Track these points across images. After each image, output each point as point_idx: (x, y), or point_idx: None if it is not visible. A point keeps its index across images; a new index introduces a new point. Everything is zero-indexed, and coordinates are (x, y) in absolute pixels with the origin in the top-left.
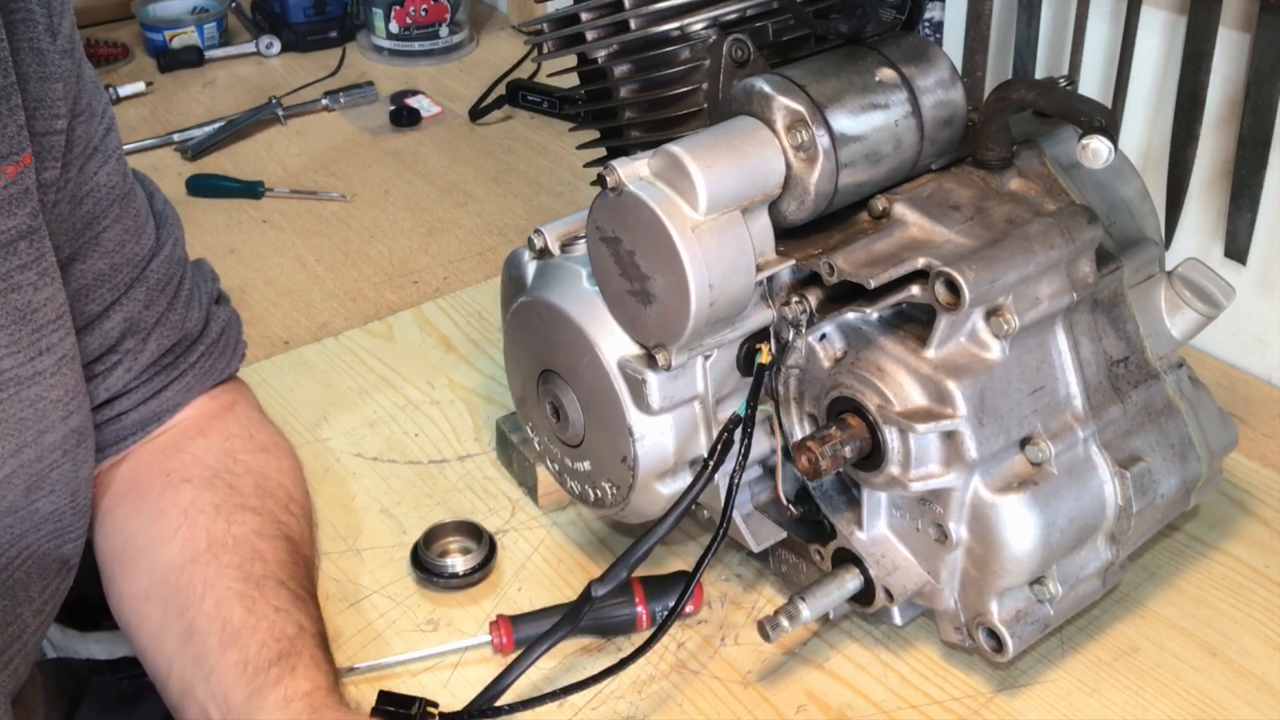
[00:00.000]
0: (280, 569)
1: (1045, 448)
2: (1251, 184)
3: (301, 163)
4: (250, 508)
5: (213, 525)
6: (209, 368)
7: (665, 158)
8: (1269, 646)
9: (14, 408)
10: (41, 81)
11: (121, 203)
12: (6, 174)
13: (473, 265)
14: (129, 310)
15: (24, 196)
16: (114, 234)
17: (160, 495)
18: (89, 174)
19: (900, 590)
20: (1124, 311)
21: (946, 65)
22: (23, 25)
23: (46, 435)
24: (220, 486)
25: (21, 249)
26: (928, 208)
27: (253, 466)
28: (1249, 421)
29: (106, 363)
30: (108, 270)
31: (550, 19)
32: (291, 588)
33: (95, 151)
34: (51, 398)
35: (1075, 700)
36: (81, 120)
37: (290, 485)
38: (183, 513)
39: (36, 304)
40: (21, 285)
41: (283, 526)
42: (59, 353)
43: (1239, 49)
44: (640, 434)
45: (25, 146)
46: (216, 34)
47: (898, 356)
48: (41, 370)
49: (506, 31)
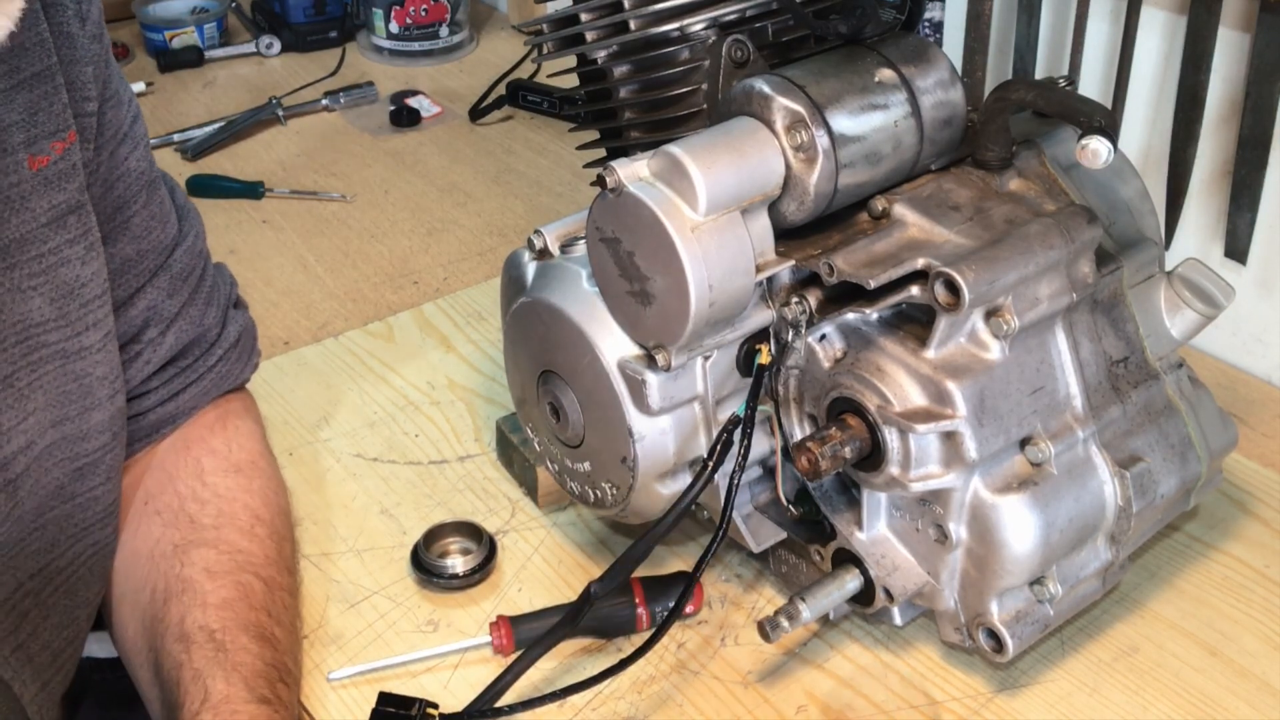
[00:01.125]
0: (218, 613)
1: (1045, 448)
2: (1251, 184)
3: (301, 163)
4: (207, 541)
5: (170, 569)
6: (225, 373)
7: (665, 158)
8: (1269, 646)
9: (59, 380)
10: (74, 65)
11: (149, 189)
12: (55, 150)
13: (473, 265)
14: (152, 298)
15: (72, 172)
16: (141, 219)
17: (136, 530)
18: (120, 159)
19: (900, 590)
20: (1124, 312)
21: (946, 65)
22: (54, 9)
23: (93, 413)
24: (183, 521)
25: (70, 223)
26: (927, 208)
27: (220, 490)
28: (1249, 421)
29: (129, 352)
30: (134, 255)
31: (550, 19)
32: (220, 638)
33: (125, 137)
34: (98, 374)
35: (1075, 700)
36: (111, 105)
37: (258, 506)
38: (149, 556)
39: (84, 278)
40: (70, 259)
41: (238, 555)
42: (104, 329)
43: (1239, 49)
44: (640, 434)
45: (70, 124)
46: (216, 34)
47: (897, 357)
48: (88, 345)
49: (506, 31)
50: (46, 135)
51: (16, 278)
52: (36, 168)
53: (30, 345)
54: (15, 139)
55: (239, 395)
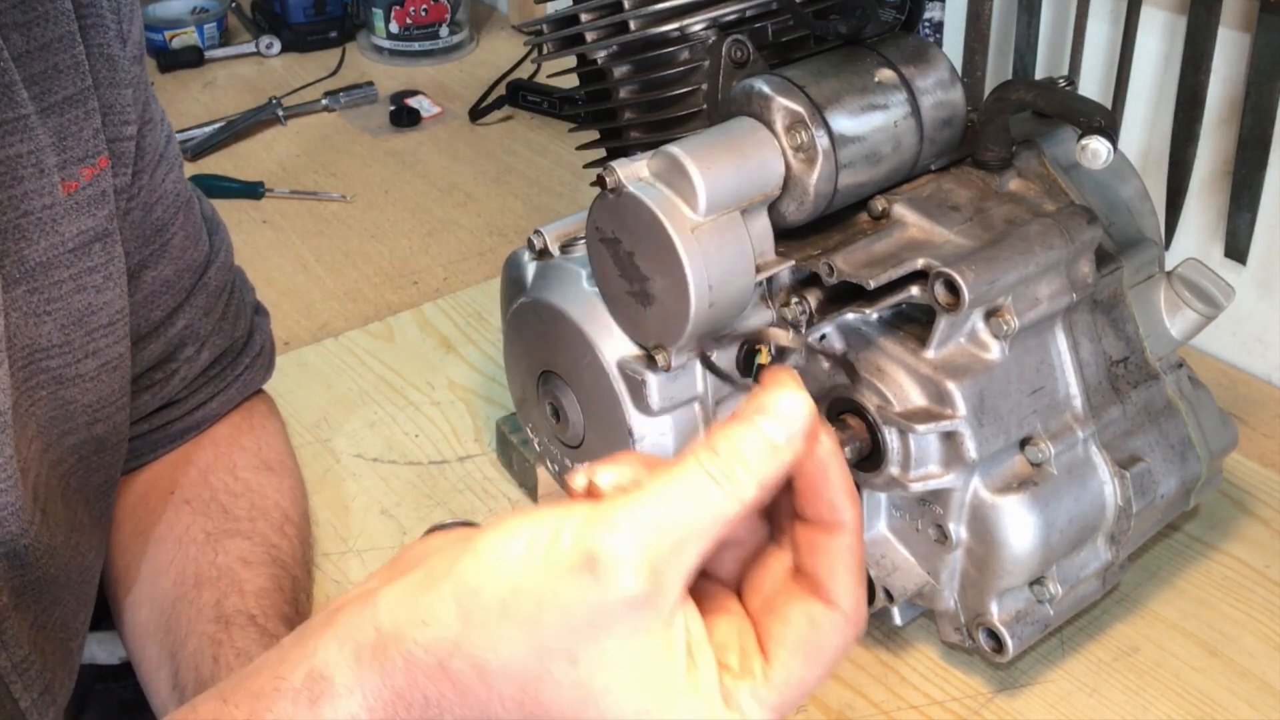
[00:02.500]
0: (257, 600)
1: (1045, 448)
2: (1251, 184)
3: (301, 163)
4: (241, 532)
5: (201, 555)
6: (251, 380)
7: (665, 158)
8: (1269, 646)
9: (46, 408)
10: (112, 88)
11: (185, 209)
12: (84, 176)
13: (473, 265)
14: (190, 317)
15: (101, 199)
16: (179, 241)
17: (161, 518)
18: (159, 180)
19: (900, 590)
20: (1124, 312)
21: (946, 66)
22: (95, 30)
23: (68, 438)
24: (215, 511)
25: (95, 251)
26: (927, 208)
27: (252, 485)
28: (1249, 421)
29: (165, 370)
30: (172, 276)
31: (550, 19)
32: (261, 622)
33: (162, 158)
34: (83, 402)
35: (1075, 700)
36: (149, 127)
37: (288, 506)
38: (177, 541)
39: (95, 307)
40: (86, 287)
41: (272, 549)
42: (103, 358)
43: (1239, 49)
44: (640, 435)
45: (102, 150)
46: (216, 34)
47: (897, 357)
48: (83, 373)
49: (506, 31)
50: (76, 160)
51: (35, 302)
52: (67, 193)
53: (32, 370)
54: (49, 161)
55: (262, 397)
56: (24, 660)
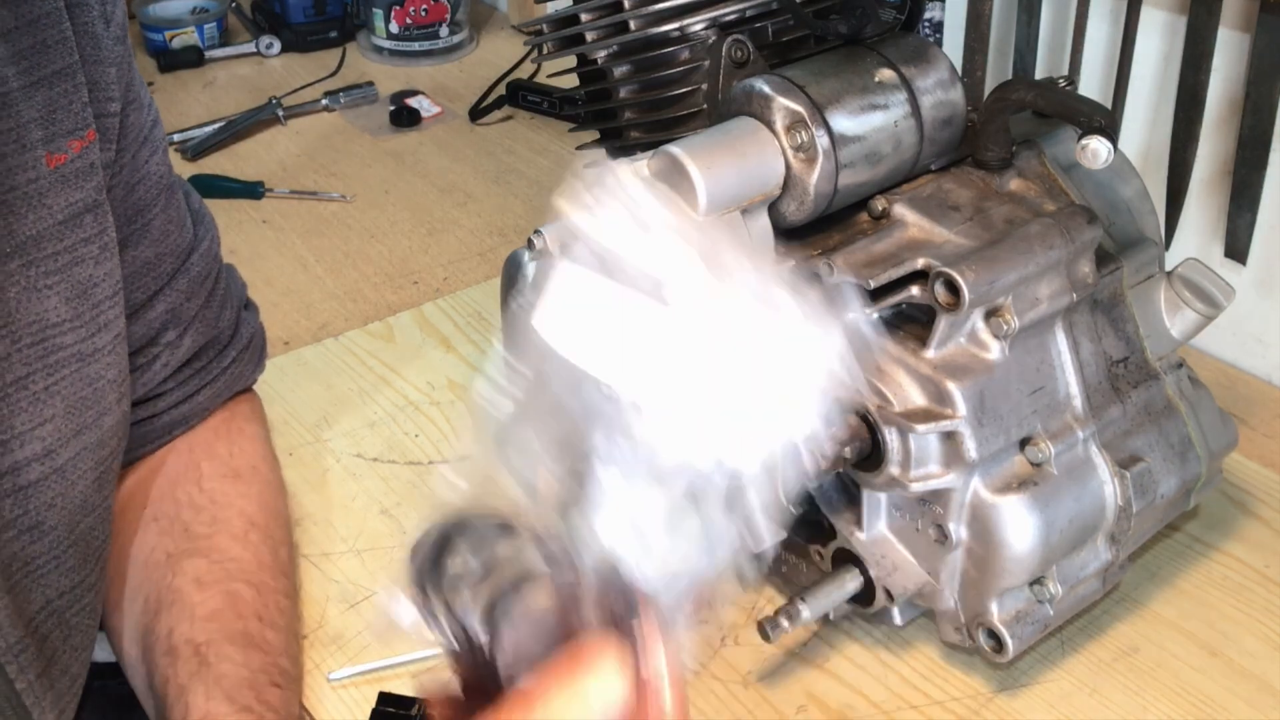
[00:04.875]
0: (205, 625)
1: (1045, 448)
2: (1251, 184)
3: (301, 163)
4: (199, 550)
5: (161, 579)
6: (237, 374)
7: (665, 158)
8: (1269, 646)
9: (74, 386)
10: (96, 65)
11: (167, 193)
12: (72, 149)
13: (473, 265)
14: (171, 300)
15: (89, 171)
16: (160, 223)
17: (133, 536)
18: (141, 162)
19: (900, 590)
20: (1124, 312)
21: (946, 66)
22: (78, 9)
23: (105, 418)
24: (177, 530)
25: (87, 222)
26: (927, 208)
27: (216, 496)
28: (1249, 421)
29: (147, 355)
30: (153, 259)
31: (550, 19)
32: (204, 651)
33: (146, 140)
34: (109, 377)
35: (1075, 700)
36: (133, 108)
37: (254, 512)
38: (144, 565)
39: (97, 278)
40: (84, 259)
41: (230, 564)
42: (114, 330)
43: (1239, 49)
44: None
45: (89, 123)
46: (216, 34)
47: (897, 357)
48: (100, 347)
49: (506, 31)
50: (64, 133)
51: (33, 275)
52: (54, 165)
53: (47, 347)
54: (34, 136)
55: (247, 397)
56: (18, 643)
